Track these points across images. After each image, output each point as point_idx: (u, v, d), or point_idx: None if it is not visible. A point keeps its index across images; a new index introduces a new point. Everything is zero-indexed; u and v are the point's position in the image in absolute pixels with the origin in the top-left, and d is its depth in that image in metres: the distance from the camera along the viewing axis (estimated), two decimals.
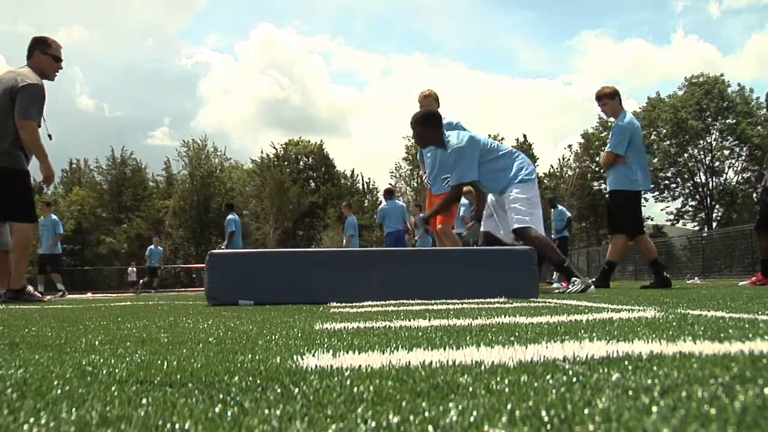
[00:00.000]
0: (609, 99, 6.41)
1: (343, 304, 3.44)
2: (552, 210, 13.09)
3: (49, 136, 5.66)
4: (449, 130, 5.45)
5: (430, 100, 5.99)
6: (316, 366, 1.02)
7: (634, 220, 6.51)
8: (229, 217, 12.33)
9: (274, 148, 44.37)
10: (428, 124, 5.01)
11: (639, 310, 2.30)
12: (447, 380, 0.85)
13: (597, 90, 6.54)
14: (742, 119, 37.41)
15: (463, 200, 10.62)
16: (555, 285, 8.98)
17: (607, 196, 6.89)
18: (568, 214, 12.97)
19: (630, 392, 0.73)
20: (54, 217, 12.61)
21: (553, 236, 12.91)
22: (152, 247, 19.74)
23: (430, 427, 0.60)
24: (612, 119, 6.50)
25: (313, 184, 44.55)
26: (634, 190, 6.37)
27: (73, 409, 0.73)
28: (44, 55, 5.43)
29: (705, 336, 1.31)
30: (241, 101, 70.54)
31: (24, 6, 67.19)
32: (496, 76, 76.80)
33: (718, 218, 39.00)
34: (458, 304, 3.14)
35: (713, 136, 39.02)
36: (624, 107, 6.48)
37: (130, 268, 26.68)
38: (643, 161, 6.46)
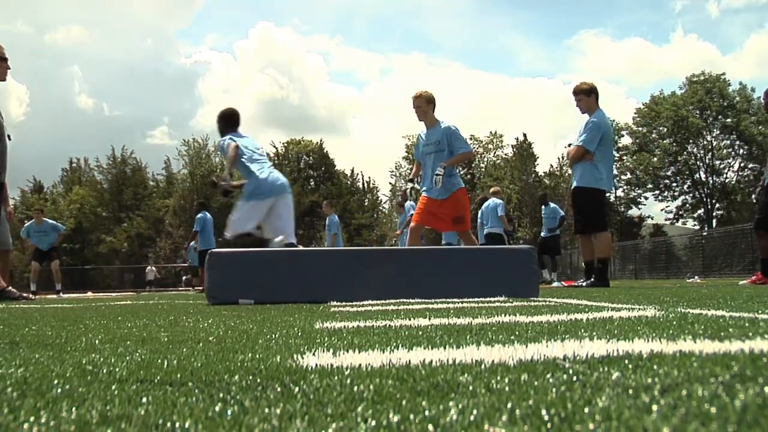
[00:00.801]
0: (584, 95, 6.43)
1: (343, 303, 3.44)
2: (543, 207, 12.62)
3: (8, 136, 5.81)
4: (447, 134, 5.67)
5: (419, 101, 5.96)
6: (316, 365, 1.02)
7: (603, 216, 6.58)
8: (198, 216, 12.29)
9: (275, 147, 44.36)
10: (223, 122, 5.71)
11: (639, 309, 2.30)
12: (447, 379, 0.85)
13: (575, 85, 6.57)
14: (745, 116, 37.37)
15: (497, 200, 10.64)
16: (555, 284, 8.98)
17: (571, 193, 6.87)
18: (561, 212, 12.61)
19: (630, 391, 0.73)
20: (50, 221, 12.64)
21: (543, 234, 12.65)
22: (193, 243, 19.19)
23: (430, 426, 0.60)
24: (586, 116, 6.45)
25: (313, 183, 44.51)
26: (599, 189, 6.39)
27: (74, 408, 0.73)
28: None
29: (705, 335, 1.31)
30: (241, 101, 70.25)
31: (23, 6, 67.23)
32: (496, 76, 76.81)
33: (719, 217, 38.97)
34: (458, 303, 3.14)
35: (714, 134, 39.00)
36: (600, 106, 6.45)
37: (148, 268, 26.51)
38: (610, 162, 6.48)
